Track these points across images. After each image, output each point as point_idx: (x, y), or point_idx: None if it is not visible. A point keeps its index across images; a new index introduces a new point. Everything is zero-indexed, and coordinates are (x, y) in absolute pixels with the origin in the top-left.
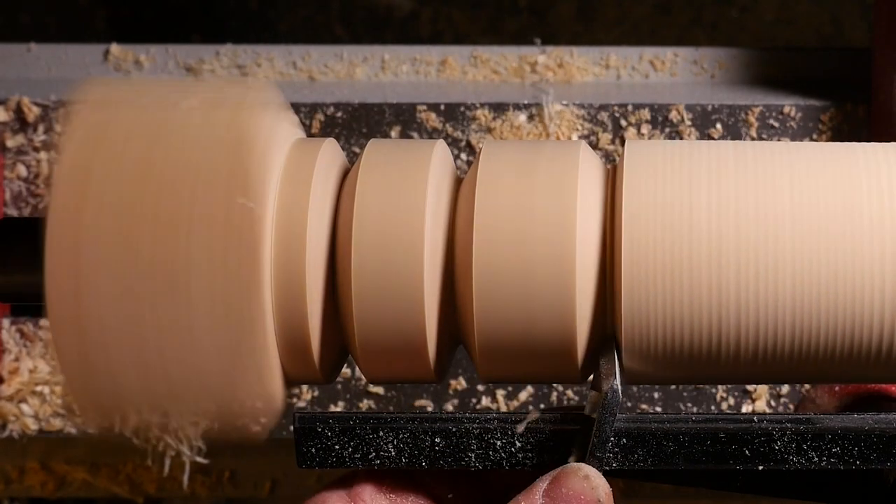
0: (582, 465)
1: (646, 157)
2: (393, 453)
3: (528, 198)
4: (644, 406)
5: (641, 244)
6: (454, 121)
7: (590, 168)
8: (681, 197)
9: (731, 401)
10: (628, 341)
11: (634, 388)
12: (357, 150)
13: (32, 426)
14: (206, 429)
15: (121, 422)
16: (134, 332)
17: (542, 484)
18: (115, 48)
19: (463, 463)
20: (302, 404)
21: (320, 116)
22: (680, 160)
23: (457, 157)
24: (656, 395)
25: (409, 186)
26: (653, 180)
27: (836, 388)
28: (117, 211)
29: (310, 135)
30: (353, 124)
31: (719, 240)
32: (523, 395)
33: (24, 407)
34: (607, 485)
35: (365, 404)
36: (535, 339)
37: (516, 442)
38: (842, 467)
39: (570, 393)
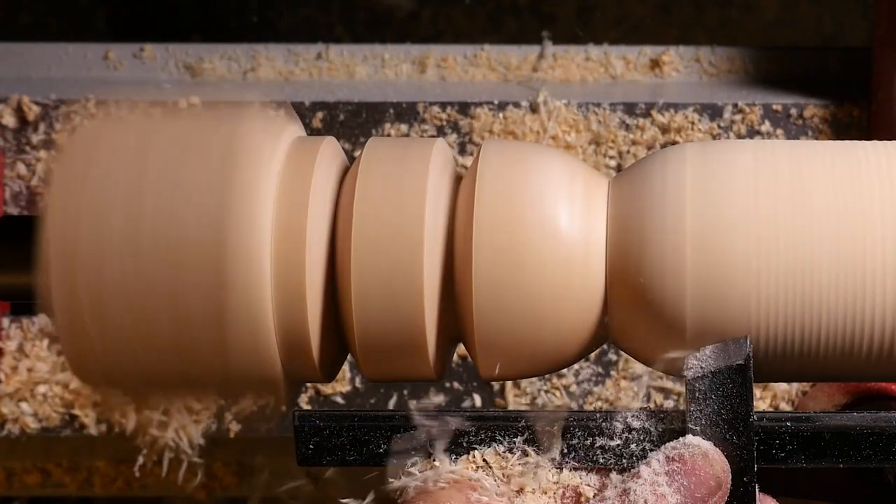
0: (700, 440)
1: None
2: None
3: (528, 196)
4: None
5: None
6: (454, 119)
7: (587, 171)
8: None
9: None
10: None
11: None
12: (357, 148)
13: (32, 425)
14: (207, 426)
15: (125, 415)
16: (132, 334)
17: (663, 456)
18: (115, 48)
19: None
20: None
21: (320, 115)
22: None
23: (457, 156)
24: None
25: (408, 185)
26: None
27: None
28: (114, 213)
29: (310, 133)
30: (353, 123)
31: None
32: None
33: (24, 406)
34: (725, 462)
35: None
36: (535, 335)
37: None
38: (841, 465)
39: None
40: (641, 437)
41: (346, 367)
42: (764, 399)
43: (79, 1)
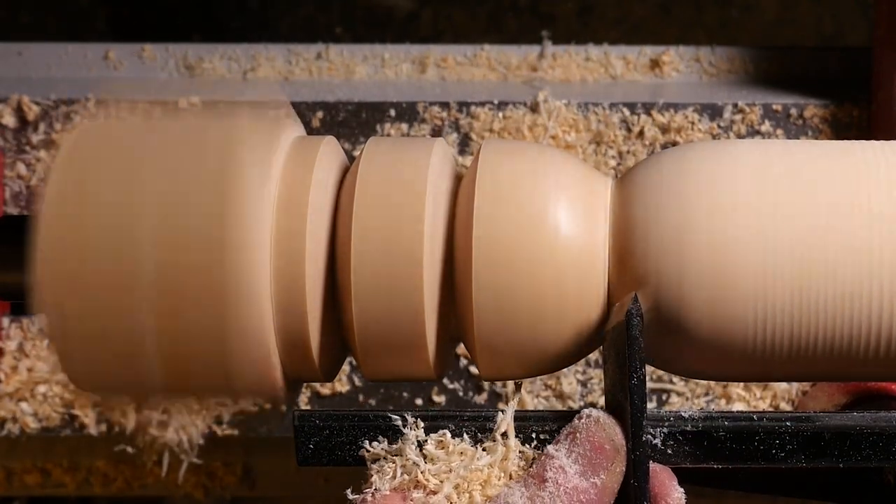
0: (592, 409)
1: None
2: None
3: (527, 196)
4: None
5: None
6: (454, 119)
7: (588, 171)
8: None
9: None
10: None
11: None
12: (357, 148)
13: (32, 425)
14: (207, 427)
15: (124, 415)
16: (131, 338)
17: (564, 431)
18: (115, 48)
19: None
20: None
21: (320, 115)
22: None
23: (457, 156)
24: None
25: (408, 185)
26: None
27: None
28: (110, 214)
29: (310, 133)
30: (353, 123)
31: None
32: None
33: (24, 406)
34: (617, 426)
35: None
36: (536, 335)
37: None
38: (841, 465)
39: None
40: None
41: (346, 366)
42: (764, 399)
43: (79, 1)
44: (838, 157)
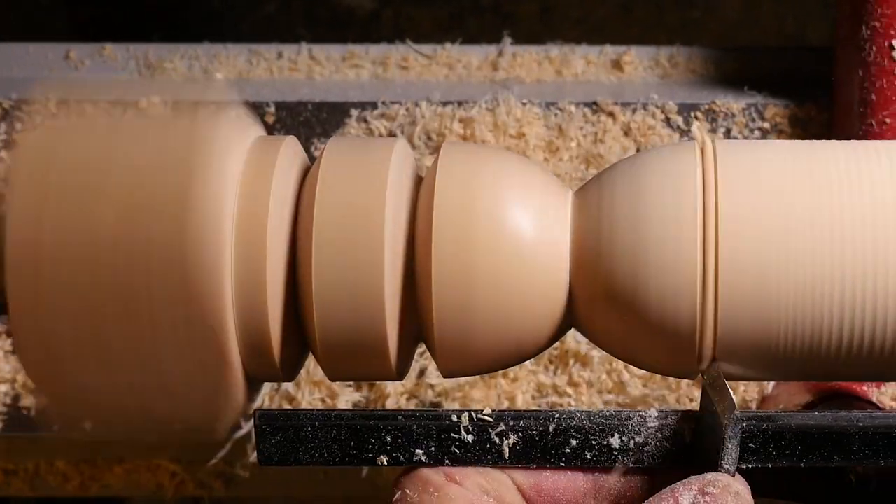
0: (731, 480)
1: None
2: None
3: (485, 197)
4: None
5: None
6: (415, 118)
7: (546, 174)
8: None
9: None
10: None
11: None
12: (318, 148)
13: None
14: (169, 429)
15: (82, 421)
16: (93, 338)
17: (686, 493)
18: (75, 47)
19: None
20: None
21: (281, 115)
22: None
23: (417, 156)
24: None
25: (369, 185)
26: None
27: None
28: (73, 215)
29: (271, 133)
30: (314, 123)
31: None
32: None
33: None
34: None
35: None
36: (495, 333)
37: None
38: (803, 465)
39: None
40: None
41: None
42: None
43: (39, 1)
44: (800, 158)
